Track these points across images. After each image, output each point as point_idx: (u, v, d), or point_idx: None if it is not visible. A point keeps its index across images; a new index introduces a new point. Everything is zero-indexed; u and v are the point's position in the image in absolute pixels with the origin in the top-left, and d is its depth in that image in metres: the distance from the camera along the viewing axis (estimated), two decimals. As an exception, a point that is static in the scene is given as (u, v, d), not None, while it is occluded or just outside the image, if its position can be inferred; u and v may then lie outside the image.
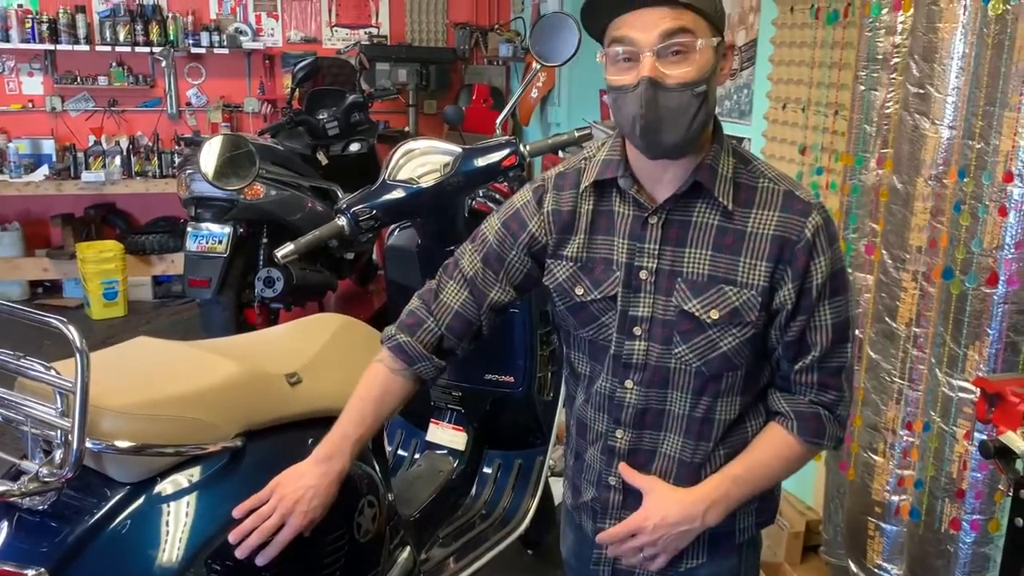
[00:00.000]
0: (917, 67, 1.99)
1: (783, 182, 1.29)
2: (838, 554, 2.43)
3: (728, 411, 1.33)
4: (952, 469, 1.94)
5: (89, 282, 5.05)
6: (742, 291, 1.26)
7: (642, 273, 1.30)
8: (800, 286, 1.25)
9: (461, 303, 1.44)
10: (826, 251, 1.25)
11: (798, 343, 1.29)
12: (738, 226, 1.26)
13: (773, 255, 1.25)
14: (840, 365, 1.31)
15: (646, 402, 1.33)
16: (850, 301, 1.31)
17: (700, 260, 1.27)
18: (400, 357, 1.45)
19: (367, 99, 4.65)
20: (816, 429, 1.32)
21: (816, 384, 1.31)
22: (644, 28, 1.19)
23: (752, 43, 3.14)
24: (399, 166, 2.16)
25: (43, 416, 1.31)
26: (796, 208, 1.25)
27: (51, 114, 5.50)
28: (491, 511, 2.34)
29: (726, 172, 1.27)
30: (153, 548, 1.39)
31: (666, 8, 1.18)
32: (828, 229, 1.26)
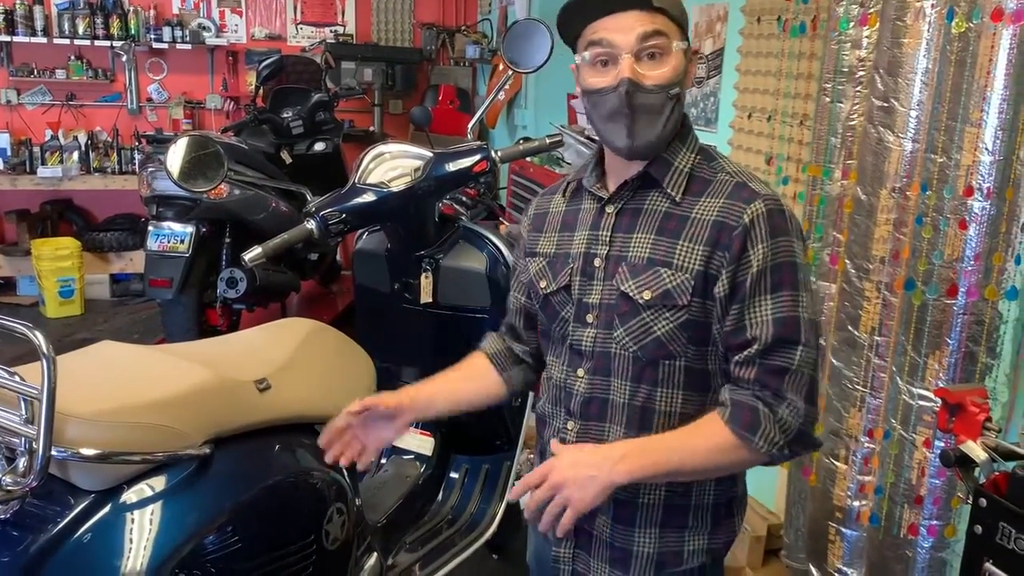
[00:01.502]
0: (882, 81, 2.03)
1: (741, 176, 1.30)
2: (799, 558, 2.47)
3: (669, 402, 1.31)
4: (911, 476, 1.99)
5: (45, 280, 4.94)
6: (676, 274, 1.27)
7: (596, 260, 1.35)
8: (734, 272, 1.24)
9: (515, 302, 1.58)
10: (764, 240, 1.23)
11: (735, 334, 1.25)
12: (683, 212, 1.29)
13: (711, 240, 1.25)
14: (784, 366, 1.23)
15: (591, 390, 1.36)
16: (803, 302, 1.24)
17: (643, 244, 1.31)
18: (482, 345, 1.63)
19: (332, 98, 4.61)
20: (749, 422, 1.22)
21: (754, 380, 1.24)
22: (621, 31, 1.24)
23: (719, 52, 3.18)
24: (369, 169, 2.15)
25: (5, 423, 1.28)
26: (741, 196, 1.26)
27: (6, 107, 5.37)
28: (458, 516, 2.34)
29: (682, 166, 1.31)
30: (119, 558, 1.37)
31: (641, 12, 1.24)
32: (772, 219, 1.23)
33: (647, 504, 1.36)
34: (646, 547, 1.37)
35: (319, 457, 1.73)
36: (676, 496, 1.36)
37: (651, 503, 1.36)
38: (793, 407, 1.23)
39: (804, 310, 1.25)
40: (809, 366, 1.24)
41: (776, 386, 1.23)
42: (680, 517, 1.36)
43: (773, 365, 1.23)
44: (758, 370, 1.24)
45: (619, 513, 1.38)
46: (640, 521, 1.37)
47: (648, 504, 1.36)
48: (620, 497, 1.36)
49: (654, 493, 1.36)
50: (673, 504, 1.36)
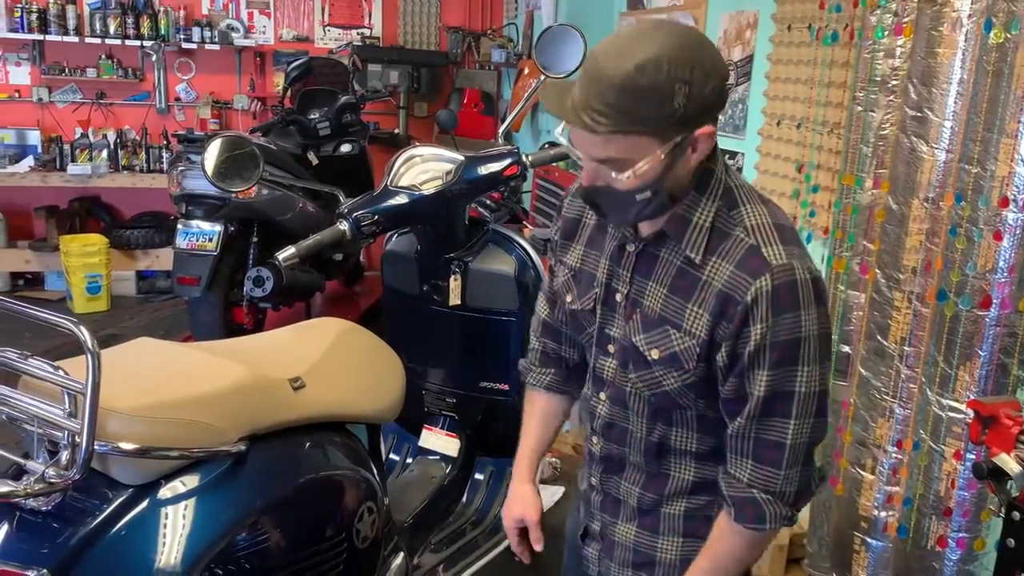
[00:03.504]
0: (915, 91, 2.02)
1: (757, 233, 1.19)
2: (822, 568, 2.46)
3: (684, 442, 1.33)
4: (940, 487, 1.98)
5: (72, 275, 5.00)
6: (685, 337, 1.23)
7: (617, 296, 1.32)
8: (733, 347, 1.19)
9: (547, 313, 1.55)
10: (765, 319, 1.16)
11: (731, 403, 1.24)
12: (697, 272, 1.22)
13: (716, 310, 1.19)
14: (778, 440, 1.21)
15: (612, 416, 1.38)
16: (802, 376, 1.18)
17: (657, 296, 1.26)
18: (523, 374, 1.61)
19: (359, 100, 4.64)
20: (754, 515, 1.24)
21: (751, 455, 1.24)
22: (579, 143, 1.17)
23: (748, 59, 3.18)
24: (401, 172, 2.16)
25: (50, 416, 1.30)
26: (750, 266, 1.17)
27: (38, 105, 5.44)
28: (482, 518, 2.35)
29: (703, 220, 1.22)
30: (156, 551, 1.39)
31: (591, 135, 1.12)
32: (777, 297, 1.15)
33: (670, 514, 1.38)
34: (669, 554, 1.39)
35: (351, 456, 1.76)
36: (698, 509, 1.37)
37: (674, 514, 1.37)
38: (789, 479, 1.24)
39: (803, 384, 1.19)
40: (804, 436, 1.22)
41: (771, 459, 1.23)
42: (703, 527, 1.36)
43: (767, 440, 1.22)
44: (753, 444, 1.23)
45: (643, 520, 1.40)
46: (664, 530, 1.39)
47: (671, 514, 1.38)
48: (644, 507, 1.39)
49: (676, 504, 1.37)
50: (695, 516, 1.37)
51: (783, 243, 1.19)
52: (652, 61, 1.07)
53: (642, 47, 1.08)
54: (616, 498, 1.42)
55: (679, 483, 1.37)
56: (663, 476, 1.37)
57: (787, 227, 1.22)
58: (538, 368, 1.57)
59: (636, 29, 1.14)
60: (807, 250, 1.24)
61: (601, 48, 1.13)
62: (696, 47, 1.11)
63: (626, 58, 1.08)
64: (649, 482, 1.38)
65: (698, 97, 1.10)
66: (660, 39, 1.09)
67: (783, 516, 1.26)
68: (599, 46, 1.14)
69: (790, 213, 2.83)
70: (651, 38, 1.09)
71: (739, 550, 1.29)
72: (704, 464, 1.35)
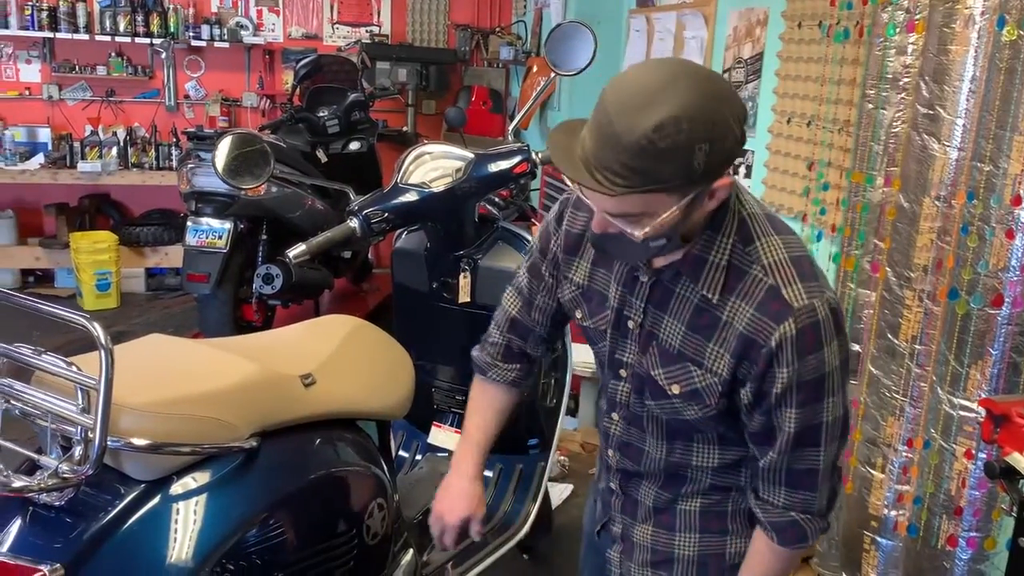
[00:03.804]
0: (927, 88, 2.02)
1: (776, 272, 1.17)
2: (832, 567, 2.45)
3: (705, 458, 1.34)
4: (951, 487, 1.97)
5: (82, 272, 5.02)
6: (706, 375, 1.22)
7: (630, 323, 1.30)
8: (758, 388, 1.19)
9: (518, 309, 1.52)
10: (791, 363, 1.15)
11: (760, 436, 1.24)
12: (716, 311, 1.20)
13: (739, 352, 1.18)
14: (810, 468, 1.23)
15: (627, 436, 1.39)
16: (828, 407, 1.20)
17: (674, 332, 1.24)
18: (476, 369, 1.58)
19: (368, 98, 4.65)
20: (796, 535, 1.27)
21: (784, 483, 1.25)
22: (591, 196, 1.13)
23: (758, 56, 3.17)
24: (410, 170, 2.16)
25: (63, 412, 1.31)
26: (772, 310, 1.15)
27: (48, 102, 5.46)
28: (491, 515, 2.34)
29: (719, 259, 1.19)
30: (168, 547, 1.39)
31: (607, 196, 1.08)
32: (801, 340, 1.14)
33: (685, 510, 1.38)
34: (687, 550, 1.39)
35: (361, 452, 1.76)
36: (713, 504, 1.37)
37: (689, 510, 1.38)
38: (822, 494, 1.27)
39: (830, 414, 1.20)
40: (832, 455, 1.25)
41: (805, 484, 1.25)
42: (719, 522, 1.38)
43: (799, 469, 1.24)
44: (786, 475, 1.25)
45: (659, 519, 1.40)
46: (680, 526, 1.39)
47: (686, 511, 1.38)
48: (659, 506, 1.40)
49: (692, 501, 1.38)
50: (710, 511, 1.37)
51: (802, 280, 1.17)
52: (672, 121, 1.01)
53: (660, 104, 1.01)
54: (635, 499, 1.42)
55: (696, 486, 1.37)
56: (681, 480, 1.38)
57: (803, 258, 1.20)
58: (503, 364, 1.55)
59: (651, 77, 1.05)
60: (824, 276, 1.23)
61: (613, 99, 1.05)
62: (716, 99, 1.04)
63: (643, 116, 1.01)
64: (666, 485, 1.39)
65: (718, 153, 1.05)
66: (679, 94, 1.02)
67: (822, 528, 1.29)
68: (611, 94, 1.06)
69: (799, 211, 2.82)
70: (669, 92, 1.02)
71: (782, 568, 1.33)
72: (723, 474, 1.35)
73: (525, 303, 1.50)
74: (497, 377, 1.56)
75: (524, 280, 1.50)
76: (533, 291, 1.49)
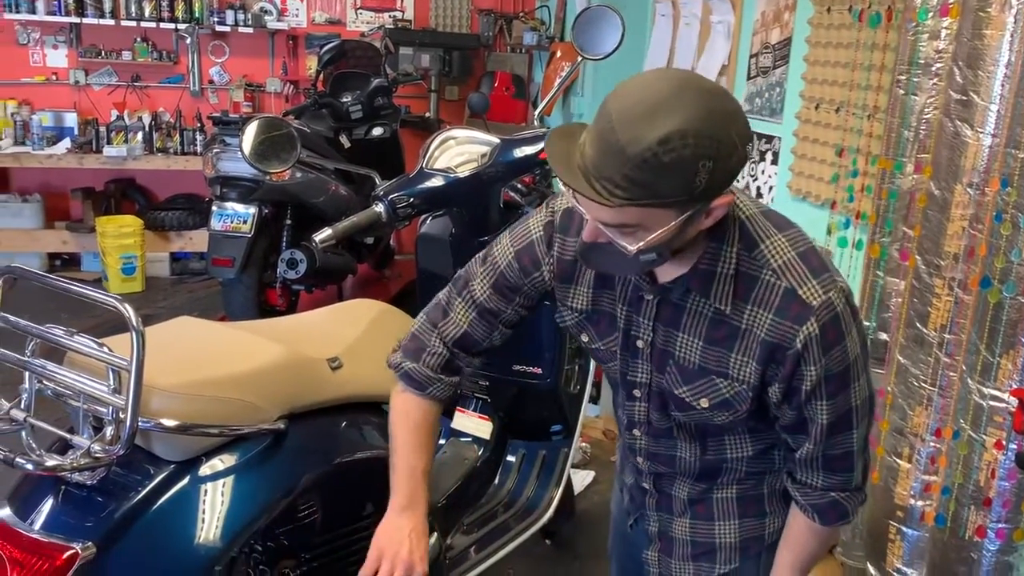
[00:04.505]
0: (960, 73, 1.98)
1: (787, 274, 1.15)
2: (856, 556, 2.44)
3: (740, 449, 1.34)
4: (980, 477, 1.95)
5: (108, 256, 5.06)
6: (733, 384, 1.21)
7: (639, 343, 1.28)
8: (788, 386, 1.19)
9: (470, 323, 1.40)
10: (819, 360, 1.15)
11: (794, 428, 1.25)
12: (732, 321, 1.18)
13: (764, 357, 1.17)
14: (845, 451, 1.25)
15: (655, 447, 1.38)
16: (856, 391, 1.21)
17: (692, 348, 1.22)
18: (410, 385, 1.42)
19: (391, 83, 4.64)
20: (838, 514, 1.30)
21: (822, 468, 1.27)
22: (587, 205, 1.09)
23: (786, 41, 3.13)
24: (436, 155, 2.16)
25: (95, 392, 1.32)
26: (792, 313, 1.14)
27: (74, 87, 5.50)
28: (514, 501, 2.35)
29: (726, 269, 1.17)
30: (197, 527, 1.41)
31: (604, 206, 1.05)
32: (825, 337, 1.15)
33: (722, 498, 1.39)
34: (728, 537, 1.40)
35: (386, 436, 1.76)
36: (748, 489, 1.38)
37: (726, 497, 1.38)
38: (858, 470, 1.29)
39: (858, 397, 1.21)
40: (863, 437, 1.26)
41: (841, 467, 1.27)
42: (757, 506, 1.39)
43: (834, 454, 1.25)
44: (822, 461, 1.26)
45: (696, 511, 1.40)
46: (719, 515, 1.39)
47: (723, 498, 1.38)
48: (694, 498, 1.40)
49: (728, 489, 1.38)
50: (747, 496, 1.38)
51: (815, 276, 1.16)
52: (677, 135, 0.98)
53: (666, 115, 0.99)
54: (669, 495, 1.42)
55: (732, 475, 1.38)
56: (716, 472, 1.38)
57: (810, 251, 1.18)
58: (445, 378, 1.41)
59: (657, 88, 1.02)
60: (830, 261, 1.21)
61: (617, 108, 1.02)
62: (722, 116, 1.02)
63: (649, 128, 0.99)
64: (701, 479, 1.39)
65: (721, 172, 1.03)
66: (685, 108, 0.99)
67: (861, 501, 1.32)
68: (614, 103, 1.03)
69: (827, 199, 2.79)
70: (675, 105, 0.99)
71: (824, 544, 1.36)
72: (758, 460, 1.36)
73: (484, 319, 1.39)
74: (437, 393, 1.42)
75: (484, 295, 1.38)
76: (499, 307, 1.38)
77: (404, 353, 1.43)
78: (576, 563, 2.71)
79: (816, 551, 1.36)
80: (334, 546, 1.57)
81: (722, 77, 3.59)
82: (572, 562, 2.72)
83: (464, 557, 2.14)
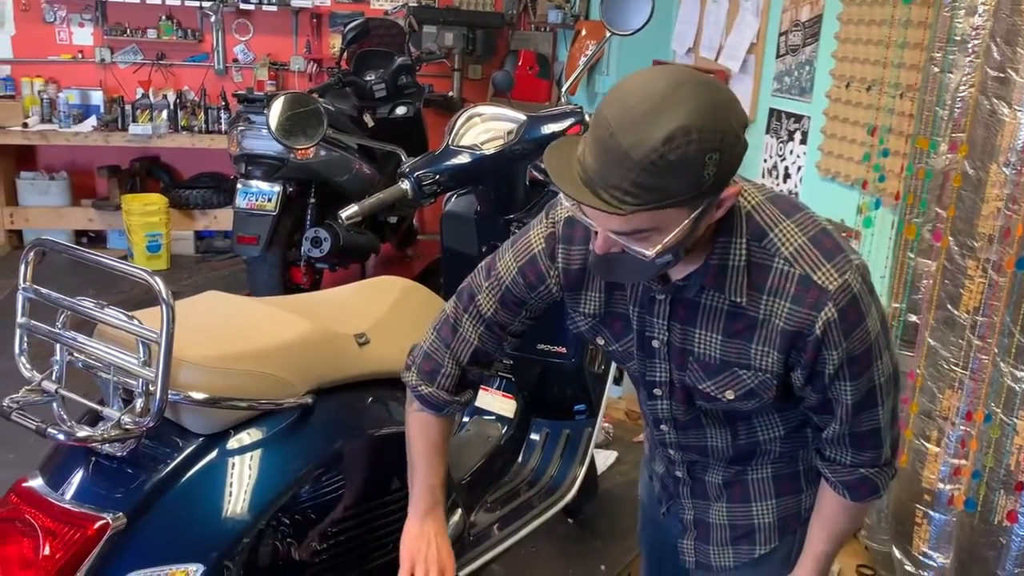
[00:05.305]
0: (998, 50, 1.94)
1: (800, 260, 1.14)
2: (881, 539, 2.43)
3: (772, 431, 1.34)
4: (1011, 461, 1.93)
5: (134, 234, 5.10)
6: (757, 374, 1.21)
7: (654, 343, 1.27)
8: (811, 371, 1.19)
9: (479, 337, 1.40)
10: (840, 344, 1.15)
11: (820, 409, 1.25)
12: (750, 312, 1.17)
13: (785, 346, 1.17)
14: (872, 428, 1.24)
15: (685, 440, 1.38)
16: (880, 369, 1.20)
17: (711, 343, 1.22)
18: (427, 406, 1.45)
19: (415, 62, 4.63)
20: (869, 489, 1.29)
21: (850, 445, 1.26)
22: (595, 216, 1.08)
23: (817, 19, 3.08)
24: (462, 132, 2.15)
25: (125, 364, 1.33)
26: (808, 300, 1.13)
27: (100, 65, 5.52)
28: (537, 479, 2.35)
29: (738, 261, 1.16)
30: (225, 500, 1.41)
31: None
32: (845, 320, 1.13)
33: (758, 479, 1.38)
34: (766, 517, 1.40)
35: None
36: (784, 467, 1.38)
37: (762, 478, 1.38)
38: (887, 448, 1.28)
39: (882, 375, 1.21)
40: (890, 412, 1.26)
41: (870, 444, 1.26)
42: (793, 484, 1.38)
43: (861, 431, 1.25)
44: (850, 439, 1.25)
45: (732, 494, 1.40)
46: (755, 496, 1.39)
47: (759, 479, 1.38)
48: (728, 480, 1.39)
49: (763, 469, 1.38)
50: (782, 474, 1.38)
51: (828, 259, 1.14)
52: (681, 131, 0.97)
53: (666, 114, 0.97)
54: (703, 480, 1.42)
55: (766, 457, 1.38)
56: (750, 454, 1.37)
57: (821, 234, 1.16)
58: (459, 397, 1.44)
59: (651, 88, 1.00)
60: (843, 239, 1.19)
61: (614, 113, 1.00)
62: (722, 107, 1.01)
63: (651, 129, 0.97)
64: (735, 462, 1.39)
65: (727, 162, 1.02)
66: (684, 104, 0.98)
67: (892, 476, 1.31)
68: (608, 108, 1.01)
69: (858, 178, 2.75)
70: (674, 102, 0.98)
71: (855, 520, 1.37)
72: (791, 439, 1.35)
73: (493, 332, 1.40)
74: (451, 411, 1.46)
75: (491, 311, 1.37)
76: (506, 320, 1.39)
77: (419, 375, 1.45)
78: (598, 542, 2.71)
79: (848, 527, 1.35)
80: (361, 520, 1.58)
81: (751, 56, 3.54)
82: (594, 541, 2.72)
83: (487, 534, 2.14)
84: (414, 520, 1.47)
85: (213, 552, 1.37)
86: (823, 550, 1.34)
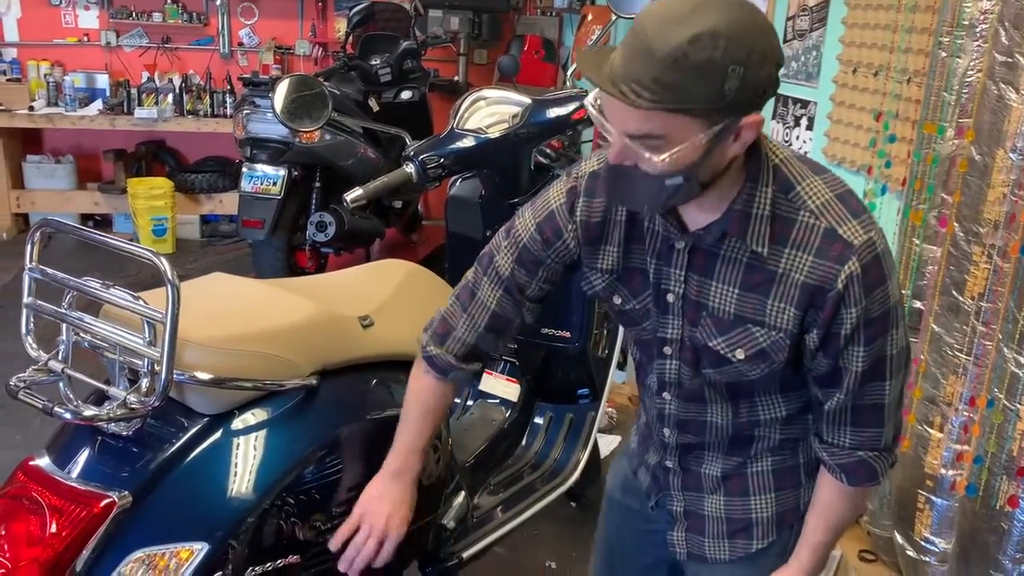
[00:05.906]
0: (1006, 34, 1.93)
1: (826, 214, 1.14)
2: (883, 525, 2.43)
3: (773, 409, 1.32)
4: (1014, 447, 1.93)
5: (139, 218, 5.11)
6: (770, 332, 1.18)
7: (669, 296, 1.25)
8: (827, 332, 1.16)
9: (498, 301, 1.39)
10: (860, 301, 1.13)
11: (827, 378, 1.22)
12: (769, 266, 1.16)
13: (803, 302, 1.15)
14: (875, 403, 1.22)
15: (684, 413, 1.35)
16: (893, 339, 1.19)
17: (727, 297, 1.20)
18: (432, 368, 1.45)
19: (420, 46, 4.61)
20: (866, 474, 1.27)
21: (850, 424, 1.24)
22: (613, 115, 1.07)
23: (824, 3, 3.06)
24: (466, 115, 2.15)
25: (131, 344, 1.34)
26: (832, 253, 1.12)
27: (106, 49, 5.53)
28: (541, 462, 2.37)
29: (762, 210, 1.14)
30: (229, 479, 1.43)
31: (631, 108, 1.02)
32: (867, 277, 1.12)
33: (757, 472, 1.37)
34: (765, 512, 1.38)
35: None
36: (784, 460, 1.36)
37: (761, 471, 1.37)
38: (888, 432, 1.26)
39: (895, 346, 1.19)
40: (896, 392, 1.24)
41: (871, 421, 1.24)
42: (792, 478, 1.37)
43: (865, 405, 1.23)
44: (852, 414, 1.24)
45: (731, 487, 1.38)
46: (754, 490, 1.38)
47: (759, 472, 1.37)
48: (727, 473, 1.38)
49: (762, 461, 1.36)
50: (783, 468, 1.36)
51: (854, 216, 1.14)
52: (708, 34, 0.97)
53: (698, 17, 0.98)
54: (697, 472, 1.40)
55: (765, 443, 1.36)
56: (748, 441, 1.36)
57: (848, 194, 1.17)
58: (466, 366, 1.44)
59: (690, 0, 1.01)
60: (869, 208, 1.19)
61: (648, 14, 1.01)
62: (755, 27, 1.01)
63: (679, 27, 0.97)
64: (732, 451, 1.37)
65: (751, 82, 1.00)
66: (718, 12, 0.98)
67: (891, 464, 1.29)
68: (646, 15, 1.02)
69: (864, 164, 2.74)
70: (708, 8, 0.99)
71: (853, 508, 1.33)
72: (792, 424, 1.34)
73: (511, 296, 1.39)
74: (455, 377, 1.46)
75: (509, 271, 1.37)
76: (524, 282, 1.37)
77: (432, 337, 1.45)
78: (600, 525, 2.72)
79: (845, 516, 1.33)
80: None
81: (757, 41, 3.52)
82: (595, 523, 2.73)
83: (490, 517, 2.16)
84: (381, 478, 1.48)
85: (218, 531, 1.38)
86: (820, 540, 1.32)
